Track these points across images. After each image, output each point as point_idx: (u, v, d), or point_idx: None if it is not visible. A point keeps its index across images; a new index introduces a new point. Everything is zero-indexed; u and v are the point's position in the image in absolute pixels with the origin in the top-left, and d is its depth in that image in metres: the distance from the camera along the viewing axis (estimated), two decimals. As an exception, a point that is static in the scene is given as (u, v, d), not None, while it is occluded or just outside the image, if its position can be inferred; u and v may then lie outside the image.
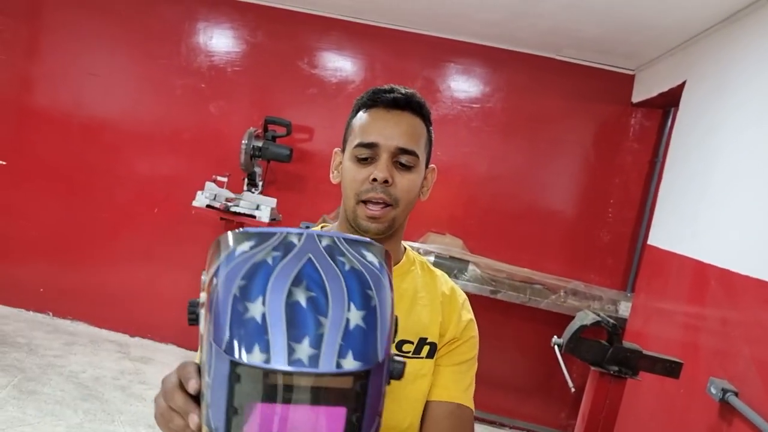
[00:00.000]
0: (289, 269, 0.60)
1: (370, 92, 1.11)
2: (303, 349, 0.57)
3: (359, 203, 1.07)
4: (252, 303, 0.58)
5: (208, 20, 4.06)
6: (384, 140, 1.06)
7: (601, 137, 3.88)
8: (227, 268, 0.61)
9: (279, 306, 0.58)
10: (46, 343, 3.75)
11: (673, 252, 2.69)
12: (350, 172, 1.08)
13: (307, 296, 0.59)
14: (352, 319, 0.59)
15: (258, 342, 0.57)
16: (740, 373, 1.98)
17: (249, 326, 0.57)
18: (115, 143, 4.11)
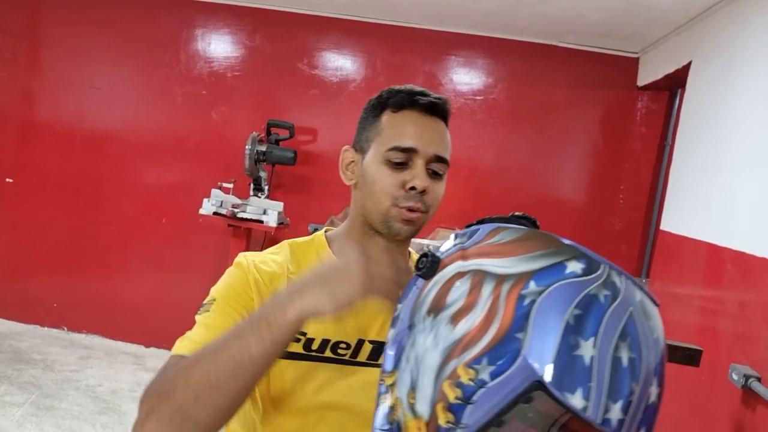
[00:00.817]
0: (617, 318, 0.59)
1: (402, 92, 1.05)
2: (615, 410, 0.57)
3: (395, 206, 1.02)
4: (584, 341, 0.57)
5: (206, 26, 4.04)
6: (423, 146, 1.01)
7: (608, 123, 3.83)
8: (558, 284, 0.60)
9: (606, 356, 0.57)
10: (62, 358, 3.76)
11: (686, 236, 2.64)
12: (382, 176, 1.02)
13: (629, 356, 0.58)
14: (652, 395, 0.60)
15: (581, 386, 0.56)
16: (762, 358, 1.94)
17: (577, 365, 0.56)
18: (120, 154, 4.10)
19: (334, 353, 1.01)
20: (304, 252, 1.09)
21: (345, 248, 0.84)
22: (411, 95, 1.04)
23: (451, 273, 0.68)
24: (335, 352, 1.01)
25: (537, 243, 0.65)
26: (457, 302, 0.65)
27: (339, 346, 1.02)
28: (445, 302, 0.66)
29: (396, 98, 1.05)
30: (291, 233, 3.86)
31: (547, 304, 0.59)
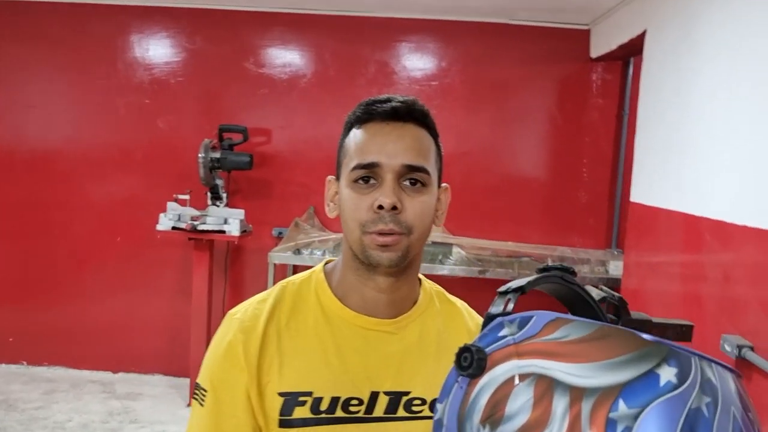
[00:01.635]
0: (724, 428, 0.51)
1: (363, 104, 0.95)
2: None
3: (365, 234, 0.90)
4: None
5: (142, 32, 3.84)
6: (386, 158, 0.90)
7: (565, 97, 3.81)
8: (656, 404, 0.50)
9: None
10: (24, 396, 3.55)
11: (659, 207, 2.63)
12: (350, 200, 0.91)
13: None
14: None
15: None
16: (752, 326, 1.93)
17: None
18: (65, 174, 3.89)
19: (346, 411, 0.91)
20: (303, 295, 0.98)
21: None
22: (371, 105, 0.94)
23: (506, 374, 0.56)
24: (347, 410, 0.91)
25: (616, 344, 0.53)
26: (520, 415, 0.54)
27: (350, 402, 0.92)
28: (504, 412, 0.55)
29: (357, 112, 0.95)
30: (255, 240, 3.72)
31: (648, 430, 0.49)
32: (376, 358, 0.94)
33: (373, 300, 0.96)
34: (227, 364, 0.92)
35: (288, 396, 0.90)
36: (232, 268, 3.85)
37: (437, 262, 3.36)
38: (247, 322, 0.94)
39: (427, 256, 3.37)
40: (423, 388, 0.95)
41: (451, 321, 1.04)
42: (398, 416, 0.94)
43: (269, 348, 0.92)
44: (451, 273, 3.35)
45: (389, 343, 0.96)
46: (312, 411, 0.90)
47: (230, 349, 0.92)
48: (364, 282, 0.95)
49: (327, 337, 0.94)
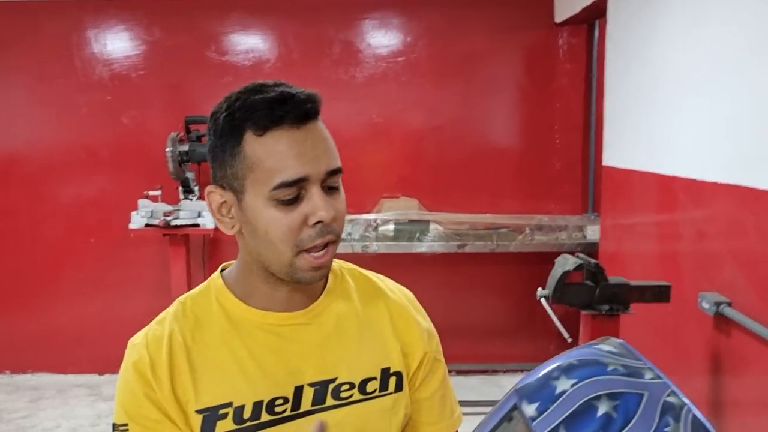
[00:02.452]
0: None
1: (257, 107, 0.82)
2: None
3: (299, 253, 0.85)
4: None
5: (97, 26, 3.73)
6: (311, 169, 0.82)
7: (533, 64, 3.78)
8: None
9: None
10: (9, 405, 3.50)
11: (632, 170, 2.64)
12: (276, 220, 0.83)
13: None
14: None
15: None
16: (728, 282, 1.95)
17: None
18: (30, 178, 3.79)
19: (272, 413, 0.87)
20: (201, 304, 0.93)
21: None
22: (271, 109, 0.82)
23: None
24: (273, 412, 0.87)
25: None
26: None
27: (275, 403, 0.87)
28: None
29: (254, 117, 0.82)
30: (231, 231, 3.67)
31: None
32: (295, 352, 0.90)
33: (282, 299, 0.92)
34: (138, 386, 0.86)
35: (207, 412, 0.85)
36: (210, 261, 3.80)
37: (415, 240, 3.35)
38: (151, 344, 0.88)
39: (405, 234, 3.35)
40: (349, 372, 0.92)
41: (368, 297, 1.00)
42: (327, 405, 0.90)
43: (179, 365, 0.87)
44: (429, 250, 3.34)
45: (306, 333, 0.92)
46: (235, 421, 0.86)
47: (137, 371, 0.86)
48: (274, 287, 0.91)
49: (236, 344, 0.89)
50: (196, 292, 0.95)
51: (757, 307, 1.78)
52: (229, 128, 0.84)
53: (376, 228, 3.41)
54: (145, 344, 0.88)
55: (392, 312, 0.99)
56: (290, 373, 0.89)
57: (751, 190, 1.79)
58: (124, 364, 0.89)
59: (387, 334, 0.97)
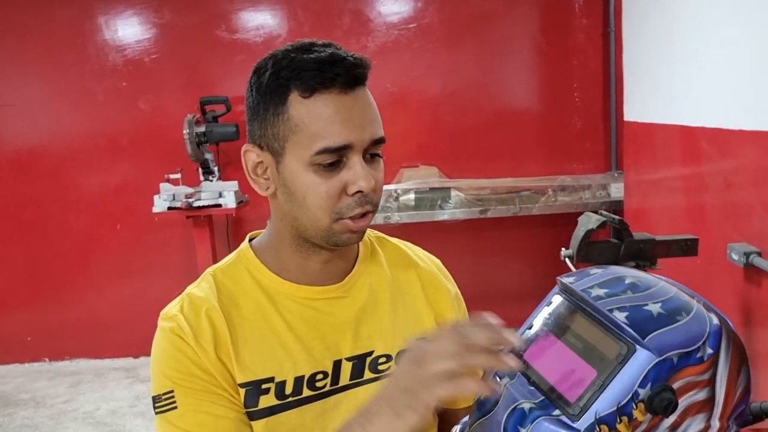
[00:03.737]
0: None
1: (306, 67, 0.79)
2: (597, 291, 0.68)
3: (338, 220, 0.83)
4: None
5: (108, 13, 3.73)
6: (356, 137, 0.80)
7: (548, 21, 3.69)
8: None
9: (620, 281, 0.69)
10: (51, 391, 3.60)
11: (654, 123, 2.57)
12: (315, 186, 0.81)
13: (632, 279, 0.70)
14: (653, 309, 0.65)
15: (577, 276, 0.73)
16: (758, 231, 1.90)
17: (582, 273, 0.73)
18: (53, 170, 3.84)
19: (313, 388, 0.87)
20: (233, 277, 0.91)
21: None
22: (321, 71, 0.79)
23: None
24: (313, 387, 0.87)
25: None
26: None
27: (315, 378, 0.87)
28: None
29: (302, 77, 0.79)
30: (253, 209, 3.70)
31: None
32: (331, 327, 0.89)
33: (318, 270, 0.91)
34: (179, 352, 0.83)
35: (249, 386, 0.85)
36: (234, 240, 3.83)
37: (437, 208, 3.33)
38: (189, 314, 0.86)
39: (426, 203, 3.33)
40: (385, 344, 0.91)
41: (399, 265, 0.99)
42: (366, 379, 0.90)
43: (221, 336, 0.85)
44: (452, 217, 3.32)
45: (340, 307, 0.91)
46: (277, 397, 0.85)
47: (178, 337, 0.83)
48: (307, 257, 0.89)
49: (274, 318, 0.88)
50: (225, 264, 0.93)
51: (789, 256, 1.74)
52: (274, 86, 0.82)
53: (397, 198, 3.39)
54: (183, 315, 0.86)
55: (423, 281, 0.99)
56: (327, 348, 0.88)
57: (778, 136, 1.73)
58: (160, 334, 0.86)
59: (420, 303, 0.96)
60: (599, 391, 0.62)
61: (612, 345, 0.63)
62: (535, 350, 0.70)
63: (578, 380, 0.64)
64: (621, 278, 0.69)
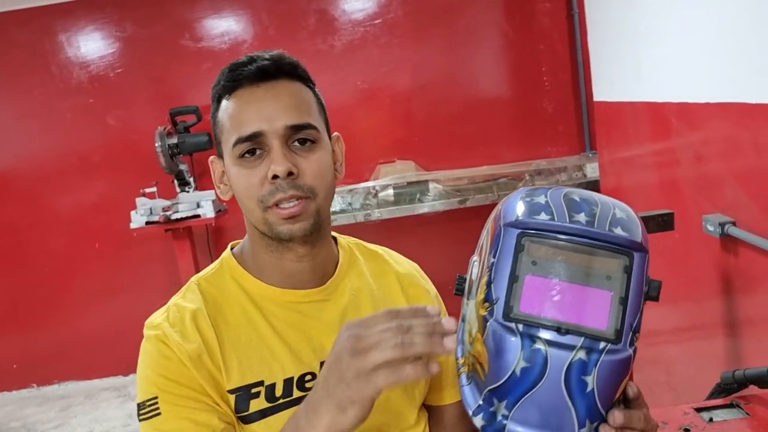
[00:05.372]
0: (560, 189, 0.73)
1: (226, 71, 0.88)
2: (580, 217, 0.67)
3: (266, 209, 0.85)
4: (537, 197, 0.71)
5: (68, 30, 3.68)
6: (267, 124, 0.83)
7: (513, 8, 3.71)
8: (515, 192, 0.75)
9: (559, 198, 0.70)
10: (42, 417, 3.56)
11: (623, 102, 2.60)
12: (240, 178, 0.85)
13: (580, 197, 0.71)
14: (618, 213, 0.69)
15: (543, 210, 0.69)
16: (731, 201, 1.93)
17: (536, 205, 0.70)
18: (25, 192, 3.79)
19: (303, 389, 0.88)
20: (217, 284, 0.92)
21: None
22: (234, 70, 0.86)
23: (469, 268, 0.80)
24: (303, 388, 0.88)
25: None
26: (473, 269, 0.78)
27: (305, 379, 0.88)
28: (472, 281, 0.77)
29: (222, 82, 0.88)
30: (232, 217, 3.68)
31: (510, 200, 0.74)
32: (316, 329, 0.91)
33: (296, 271, 0.92)
34: (166, 360, 0.84)
35: (239, 391, 0.86)
36: (215, 250, 3.81)
37: (416, 202, 3.34)
38: (175, 322, 0.87)
39: (405, 197, 3.34)
40: None
41: (378, 270, 1.01)
42: None
43: (209, 343, 0.86)
44: (432, 209, 3.33)
45: (324, 310, 0.93)
46: (268, 400, 0.86)
47: (164, 345, 0.84)
48: (281, 256, 0.90)
49: (260, 322, 0.89)
50: (208, 272, 0.95)
51: (762, 223, 1.77)
52: (213, 98, 0.91)
53: (375, 195, 3.39)
54: (169, 322, 0.86)
55: (403, 283, 1.01)
56: (314, 350, 0.89)
57: (743, 106, 1.76)
58: (146, 342, 0.87)
59: (400, 304, 0.98)
60: (623, 307, 0.65)
61: (612, 260, 0.66)
62: (534, 298, 0.66)
63: (598, 307, 0.64)
64: (568, 196, 0.71)
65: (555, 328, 0.64)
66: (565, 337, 0.64)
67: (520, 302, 0.66)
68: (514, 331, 0.65)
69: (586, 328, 0.64)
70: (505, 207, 0.73)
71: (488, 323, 0.67)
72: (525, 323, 0.65)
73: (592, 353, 0.63)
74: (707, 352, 2.11)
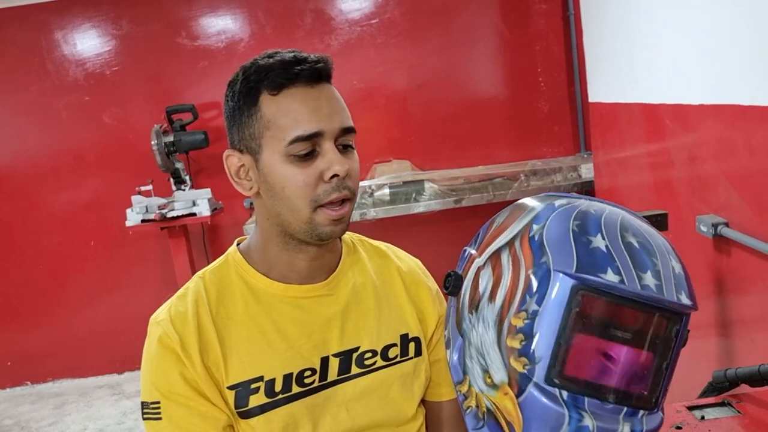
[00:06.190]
0: (613, 219, 0.67)
1: (272, 67, 0.85)
2: (648, 278, 0.62)
3: (317, 209, 0.86)
4: (593, 237, 0.64)
5: (64, 28, 3.67)
6: (326, 124, 0.85)
7: (509, 9, 3.72)
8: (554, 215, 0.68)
9: (618, 242, 0.64)
10: (35, 415, 3.55)
11: (618, 103, 2.61)
12: (292, 176, 0.85)
13: (637, 240, 0.65)
14: (675, 268, 0.66)
15: (609, 266, 0.62)
16: (724, 202, 1.94)
17: (597, 254, 0.63)
18: (21, 190, 3.78)
19: (302, 385, 0.89)
20: (222, 279, 0.94)
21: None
22: (286, 69, 0.85)
23: (472, 273, 0.73)
24: (302, 384, 0.89)
25: (521, 205, 0.73)
26: (487, 286, 0.70)
27: (304, 375, 0.90)
28: (479, 294, 0.71)
29: (269, 77, 0.85)
30: (228, 215, 3.68)
31: (553, 227, 0.66)
32: (318, 324, 0.92)
33: (304, 269, 0.93)
34: (168, 363, 0.86)
35: (238, 387, 0.87)
36: (211, 248, 3.81)
37: (412, 201, 3.35)
38: (176, 320, 0.89)
39: (401, 197, 3.35)
40: (370, 340, 0.94)
41: (381, 266, 1.02)
42: (353, 374, 0.93)
43: (209, 341, 0.88)
44: (427, 209, 3.34)
45: (326, 305, 0.94)
46: (267, 395, 0.88)
47: (165, 347, 0.87)
48: (294, 254, 0.92)
49: (262, 317, 0.91)
50: (214, 266, 0.96)
51: (754, 224, 1.79)
52: (245, 91, 0.87)
53: (371, 194, 3.39)
54: (170, 321, 0.89)
55: (405, 279, 1.02)
56: (314, 345, 0.91)
57: (736, 107, 1.77)
58: (150, 341, 0.89)
59: (402, 300, 0.99)
60: (666, 372, 0.63)
61: (665, 322, 0.63)
62: (582, 360, 0.62)
63: (643, 370, 0.62)
64: (626, 239, 0.65)
65: (602, 397, 0.61)
66: (609, 407, 0.62)
67: (566, 364, 0.61)
68: (557, 400, 0.61)
69: (632, 395, 0.62)
70: (551, 240, 0.65)
71: (527, 386, 0.62)
72: (570, 390, 0.62)
73: (634, 424, 0.63)
74: (700, 352, 2.13)
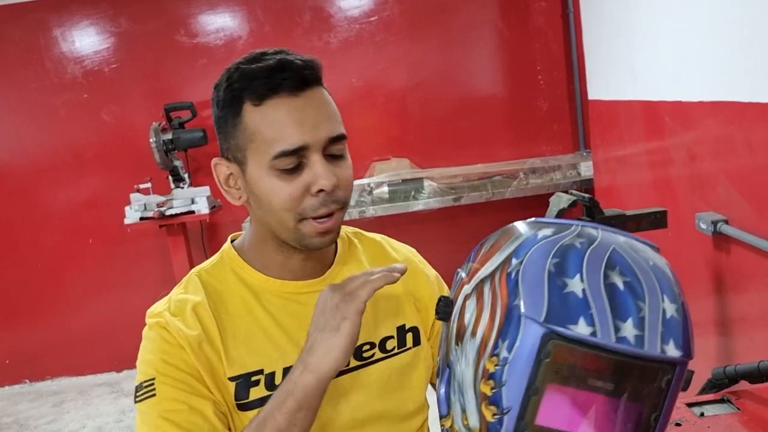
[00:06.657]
0: (598, 255, 0.60)
1: (255, 75, 0.82)
2: (627, 328, 0.56)
3: (302, 221, 0.85)
4: (571, 279, 0.58)
5: (62, 25, 3.66)
6: (311, 137, 0.82)
7: (508, 6, 3.72)
8: (534, 248, 0.62)
9: (599, 285, 0.58)
10: (34, 413, 3.55)
11: (617, 100, 2.61)
12: (278, 190, 0.83)
13: (623, 281, 0.58)
14: (668, 310, 0.59)
15: (582, 315, 0.56)
16: (723, 199, 1.94)
17: (570, 300, 0.57)
18: (19, 188, 3.77)
19: None
20: (218, 276, 0.93)
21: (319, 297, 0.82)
22: (269, 77, 0.81)
23: (461, 300, 0.70)
24: None
25: (509, 231, 0.68)
26: (471, 318, 0.66)
27: None
28: (464, 325, 0.67)
29: (252, 87, 0.82)
30: (227, 213, 3.67)
31: (529, 266, 0.61)
32: None
33: (299, 268, 0.93)
34: (166, 345, 0.85)
35: (239, 379, 0.87)
36: (210, 246, 3.80)
37: (411, 199, 3.35)
38: (176, 312, 0.88)
39: (400, 194, 3.35)
40: (368, 333, 0.94)
41: (377, 258, 1.02)
42: (352, 366, 0.92)
43: (210, 332, 0.88)
44: (426, 207, 3.34)
45: None
46: (267, 388, 0.88)
47: (165, 331, 0.86)
48: (289, 255, 0.92)
49: (260, 313, 0.91)
50: (209, 264, 0.96)
51: (754, 221, 1.78)
52: (229, 99, 0.84)
53: (370, 192, 3.39)
54: (170, 311, 0.88)
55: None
56: None
57: (736, 104, 1.77)
58: (148, 329, 0.89)
59: (398, 291, 0.99)
60: (657, 423, 0.59)
61: (653, 374, 0.58)
62: (554, 411, 0.58)
63: (628, 422, 0.58)
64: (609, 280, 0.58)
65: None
66: None
67: (536, 416, 0.58)
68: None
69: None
70: (526, 280, 0.59)
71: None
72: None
73: None
74: (699, 349, 2.12)
